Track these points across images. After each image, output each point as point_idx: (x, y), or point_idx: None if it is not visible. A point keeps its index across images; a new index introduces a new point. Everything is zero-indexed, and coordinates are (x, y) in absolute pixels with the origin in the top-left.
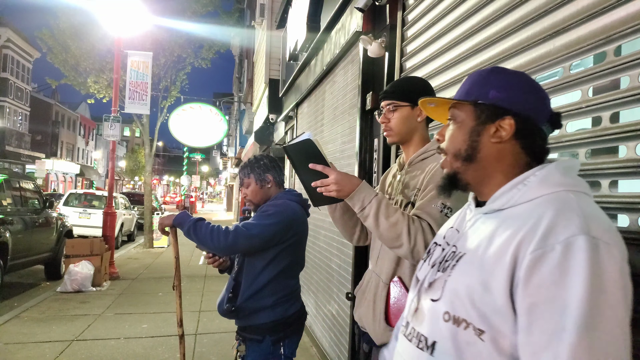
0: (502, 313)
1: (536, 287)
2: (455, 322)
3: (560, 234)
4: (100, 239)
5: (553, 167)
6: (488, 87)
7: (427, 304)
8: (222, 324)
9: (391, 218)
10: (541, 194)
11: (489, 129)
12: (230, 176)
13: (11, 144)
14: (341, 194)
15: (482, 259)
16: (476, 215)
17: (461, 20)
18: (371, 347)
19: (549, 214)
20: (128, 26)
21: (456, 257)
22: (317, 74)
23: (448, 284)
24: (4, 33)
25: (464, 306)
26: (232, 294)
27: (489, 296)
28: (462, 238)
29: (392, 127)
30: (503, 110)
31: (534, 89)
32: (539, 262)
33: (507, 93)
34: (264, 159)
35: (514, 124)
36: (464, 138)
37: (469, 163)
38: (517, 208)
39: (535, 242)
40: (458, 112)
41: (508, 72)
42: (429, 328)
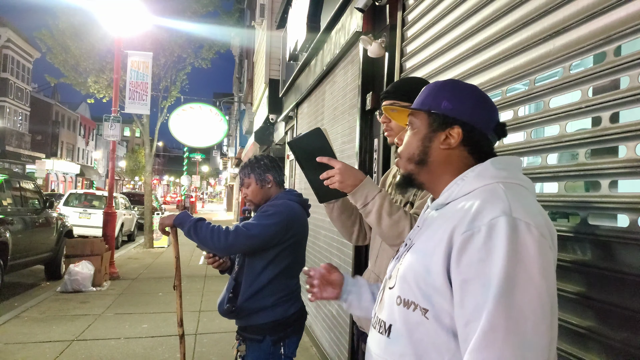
0: (442, 292)
1: (466, 265)
2: (405, 305)
3: (485, 217)
4: (100, 239)
5: (488, 162)
6: (441, 98)
7: (387, 293)
8: (222, 324)
9: (394, 215)
10: (476, 186)
11: (440, 136)
12: (230, 176)
13: (11, 144)
14: (343, 186)
15: (425, 246)
16: (430, 211)
17: (461, 20)
18: None
19: (477, 201)
20: (128, 26)
21: (408, 248)
22: (317, 74)
23: (399, 271)
24: (4, 33)
25: (411, 289)
26: (233, 294)
27: (430, 278)
28: (419, 232)
29: (393, 127)
30: (453, 120)
31: (482, 102)
32: (467, 243)
33: (457, 104)
34: (264, 159)
35: (462, 133)
36: (417, 144)
37: (421, 166)
38: (456, 201)
39: (465, 224)
40: (414, 119)
41: (460, 85)
42: (386, 313)
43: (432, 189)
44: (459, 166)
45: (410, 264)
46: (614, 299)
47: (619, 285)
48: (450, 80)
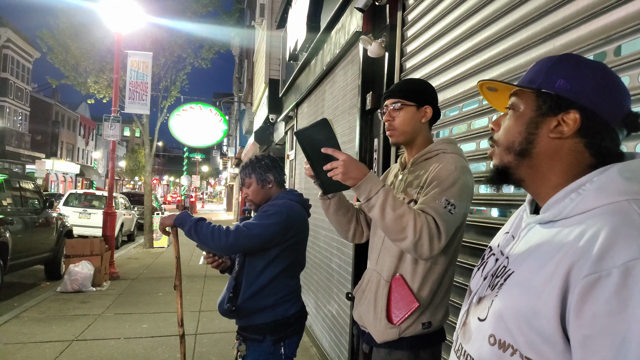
0: (553, 342)
1: (590, 317)
2: (500, 347)
3: (617, 257)
4: (100, 239)
5: (615, 170)
6: (556, 75)
7: (474, 322)
8: (222, 323)
9: (398, 210)
10: (598, 204)
11: (550, 122)
12: (230, 176)
13: (11, 144)
14: (346, 178)
15: (530, 280)
16: (530, 223)
17: (461, 20)
18: (372, 347)
19: (605, 230)
20: (128, 26)
21: (505, 275)
22: (317, 74)
23: (494, 305)
24: (4, 33)
25: (510, 331)
26: (233, 293)
27: (537, 323)
28: (514, 249)
29: (397, 126)
30: (569, 103)
31: (610, 83)
32: (593, 289)
33: (576, 84)
34: (265, 159)
35: (579, 119)
36: (520, 130)
37: (522, 158)
38: (569, 221)
39: (589, 265)
40: (518, 100)
41: (582, 61)
42: (475, 349)
43: (535, 190)
44: (570, 163)
45: (510, 300)
46: None
47: None
48: (571, 55)
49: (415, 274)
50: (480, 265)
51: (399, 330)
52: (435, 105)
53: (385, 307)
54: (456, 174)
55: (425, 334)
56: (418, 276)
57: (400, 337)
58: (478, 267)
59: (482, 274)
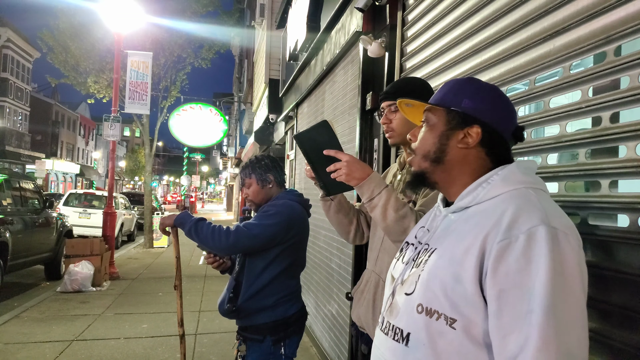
0: (473, 302)
1: (504, 274)
2: (428, 313)
3: (523, 225)
4: (100, 239)
5: (514, 166)
6: (462, 95)
7: (401, 299)
8: (222, 323)
9: (400, 211)
10: (503, 190)
11: (458, 134)
12: (230, 176)
13: (11, 144)
14: (349, 179)
15: (452, 253)
16: (445, 214)
17: (461, 20)
18: (370, 348)
19: (512, 208)
20: (128, 26)
21: (428, 252)
22: (317, 74)
23: (421, 277)
24: (4, 33)
25: (437, 297)
26: (233, 294)
27: (459, 287)
28: (433, 236)
29: (394, 127)
30: (472, 119)
31: (503, 104)
32: (505, 252)
33: (478, 104)
34: (265, 159)
35: (481, 133)
36: (434, 141)
37: (437, 165)
38: (482, 205)
39: (501, 233)
40: (431, 115)
41: (483, 85)
42: (403, 320)
43: (446, 190)
44: (475, 167)
45: (435, 271)
46: (614, 299)
47: (619, 285)
48: (472, 79)
49: None
50: (399, 257)
51: None
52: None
53: None
54: None
55: None
56: None
57: None
58: (397, 258)
59: (402, 261)
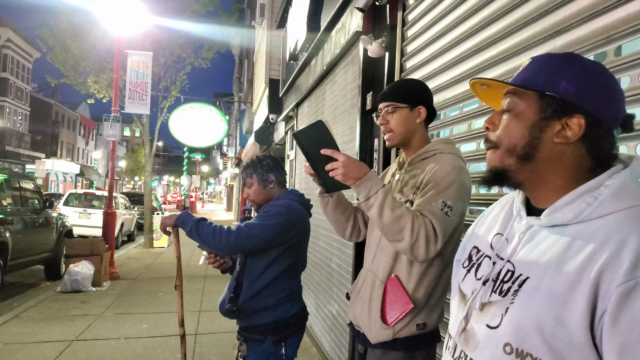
0: (580, 349)
1: (628, 324)
2: (518, 356)
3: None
4: (100, 239)
5: (627, 175)
6: (560, 76)
7: (481, 329)
8: (223, 324)
9: (396, 211)
10: (617, 208)
11: (554, 126)
12: (230, 176)
13: (11, 144)
14: (346, 178)
15: (551, 287)
16: (531, 225)
17: (461, 20)
18: (366, 348)
19: (634, 237)
20: (128, 26)
21: (518, 281)
22: (317, 74)
23: (510, 313)
24: (4, 33)
25: (531, 340)
26: (234, 294)
27: (562, 331)
28: (518, 253)
29: (392, 128)
30: (573, 107)
31: (611, 87)
32: (630, 296)
33: (580, 87)
34: (266, 159)
35: (584, 125)
36: (523, 133)
37: (524, 162)
38: (588, 225)
39: (623, 272)
40: (518, 100)
41: (585, 63)
42: (485, 357)
43: (533, 193)
44: (572, 167)
45: (530, 308)
46: None
47: None
48: (572, 55)
49: (410, 274)
50: (470, 267)
51: (393, 331)
52: (430, 104)
53: (380, 307)
54: (453, 175)
55: (420, 335)
56: (413, 277)
57: (395, 337)
58: (467, 268)
59: (477, 275)
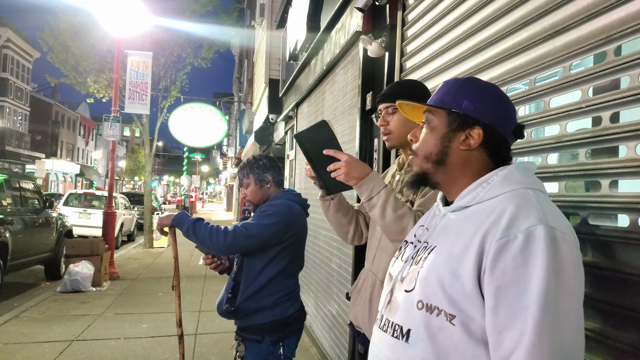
0: (471, 298)
1: (501, 271)
2: (428, 309)
3: (521, 224)
4: (100, 239)
5: (513, 167)
6: (462, 97)
7: (401, 295)
8: (222, 324)
9: (399, 211)
10: (503, 191)
11: (459, 136)
12: (230, 176)
13: (11, 144)
14: (348, 178)
15: (451, 250)
16: (444, 213)
17: (461, 20)
18: (366, 348)
19: (511, 207)
20: (128, 26)
21: (428, 250)
22: (317, 74)
23: (420, 274)
24: (4, 33)
25: (436, 294)
26: (232, 294)
27: (458, 283)
28: (432, 234)
29: (392, 129)
30: (473, 120)
31: (503, 103)
32: (503, 250)
33: (479, 105)
34: (263, 159)
35: (482, 134)
36: (436, 142)
37: (439, 166)
38: (481, 204)
39: (500, 231)
40: (432, 117)
41: (482, 85)
42: (403, 317)
43: (447, 190)
44: (477, 168)
45: (435, 268)
46: (614, 299)
47: (619, 286)
48: (472, 79)
49: None
50: (398, 255)
51: None
52: None
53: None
54: None
55: None
56: None
57: None
58: (396, 257)
59: (402, 259)
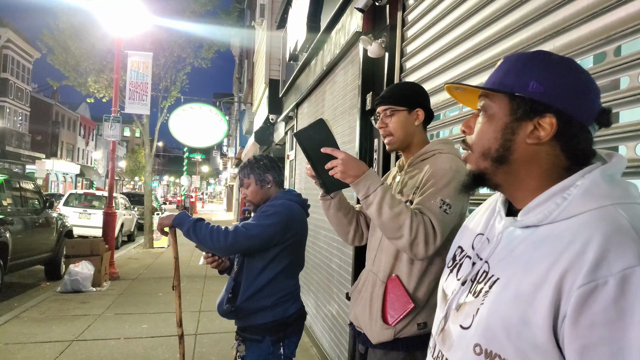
0: (544, 351)
1: (588, 327)
2: (487, 357)
3: (613, 265)
4: (100, 239)
5: (598, 174)
6: (528, 76)
7: (455, 330)
8: (223, 324)
9: (395, 208)
10: (585, 209)
11: (526, 127)
12: (230, 176)
13: (11, 144)
14: (345, 176)
15: (518, 287)
16: (508, 226)
17: (461, 20)
18: (367, 348)
19: (597, 237)
20: (128, 26)
21: (489, 282)
22: (317, 74)
23: (480, 313)
24: (4, 33)
25: (498, 340)
26: (232, 294)
27: (527, 331)
28: (494, 254)
29: (391, 132)
30: (544, 107)
31: (583, 82)
32: (590, 298)
33: (549, 86)
34: (263, 159)
35: (556, 124)
36: (496, 135)
37: (500, 164)
38: (556, 226)
39: (584, 273)
40: (490, 102)
41: (554, 60)
42: (458, 357)
43: (511, 193)
44: (547, 167)
45: (498, 309)
46: None
47: None
48: (539, 53)
49: (411, 274)
50: (452, 267)
51: (394, 330)
52: (427, 106)
53: (381, 307)
54: (451, 174)
55: (421, 335)
56: (414, 277)
57: (396, 337)
58: (450, 268)
59: (457, 276)
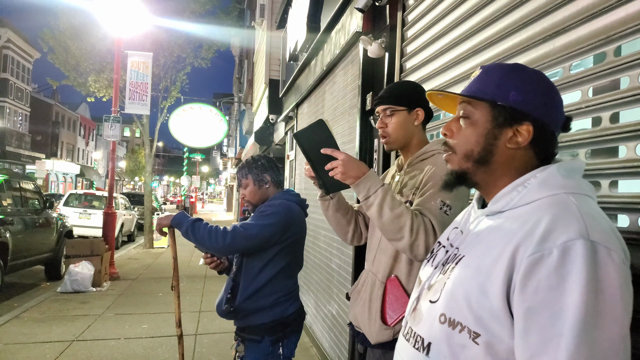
0: (499, 317)
1: (533, 291)
2: (450, 325)
3: (557, 238)
4: (100, 240)
5: (554, 168)
6: (508, 86)
7: (425, 305)
8: (222, 324)
9: (396, 210)
10: (540, 196)
11: (506, 133)
12: (230, 176)
13: (11, 145)
14: (345, 177)
15: (479, 262)
16: (479, 216)
17: (461, 20)
18: (366, 348)
19: (547, 217)
20: (128, 26)
21: (456, 259)
22: (317, 75)
23: (446, 286)
24: (4, 33)
25: (461, 309)
26: (231, 294)
27: (485, 300)
28: (465, 240)
29: (390, 132)
30: (522, 115)
31: (552, 93)
32: (536, 266)
33: (527, 96)
34: (261, 160)
35: (532, 131)
36: (478, 139)
37: (480, 165)
38: (516, 210)
39: (533, 245)
40: (472, 109)
41: (529, 72)
42: (425, 329)
43: (486, 191)
44: (521, 168)
45: (461, 281)
46: None
47: None
48: (516, 66)
49: (410, 275)
50: (429, 258)
51: (393, 331)
52: (427, 106)
53: (380, 308)
54: None
55: None
56: (413, 277)
57: (395, 338)
58: (427, 259)
59: (432, 264)
